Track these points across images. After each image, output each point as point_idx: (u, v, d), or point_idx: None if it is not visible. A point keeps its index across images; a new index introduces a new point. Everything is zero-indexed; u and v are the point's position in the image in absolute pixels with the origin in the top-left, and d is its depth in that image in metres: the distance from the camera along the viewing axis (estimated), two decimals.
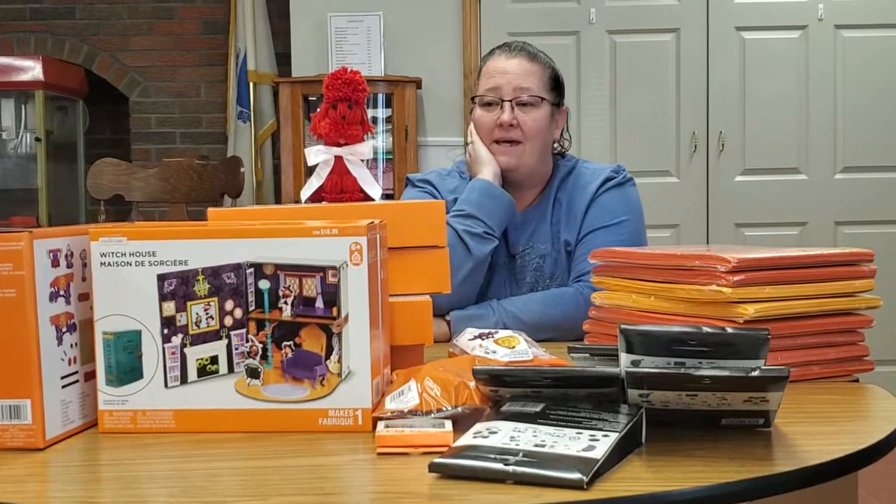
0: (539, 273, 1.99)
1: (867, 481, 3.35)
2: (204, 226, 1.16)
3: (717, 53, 4.40)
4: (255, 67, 4.83)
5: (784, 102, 4.40)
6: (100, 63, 5.32)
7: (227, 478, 0.97)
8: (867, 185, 4.41)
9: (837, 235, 4.41)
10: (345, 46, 4.30)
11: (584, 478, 0.87)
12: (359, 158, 1.46)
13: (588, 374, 1.06)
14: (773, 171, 4.42)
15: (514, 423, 1.01)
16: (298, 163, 4.20)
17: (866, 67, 4.38)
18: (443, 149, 4.36)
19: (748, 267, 1.30)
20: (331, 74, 1.44)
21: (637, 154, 4.36)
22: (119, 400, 1.13)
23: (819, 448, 1.02)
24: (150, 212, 4.93)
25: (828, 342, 1.37)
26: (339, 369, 1.11)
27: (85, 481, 0.99)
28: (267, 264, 1.11)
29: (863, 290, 1.39)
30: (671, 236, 4.41)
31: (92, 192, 3.18)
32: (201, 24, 5.31)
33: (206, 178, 3.28)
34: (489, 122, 1.98)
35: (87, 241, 1.14)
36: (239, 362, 1.13)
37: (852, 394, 1.31)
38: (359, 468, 1.00)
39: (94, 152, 5.07)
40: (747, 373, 0.98)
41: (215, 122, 5.29)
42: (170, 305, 1.12)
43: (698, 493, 0.89)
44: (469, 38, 4.42)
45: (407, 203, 1.45)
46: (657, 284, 1.41)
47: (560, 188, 2.04)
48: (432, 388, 1.11)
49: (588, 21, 4.41)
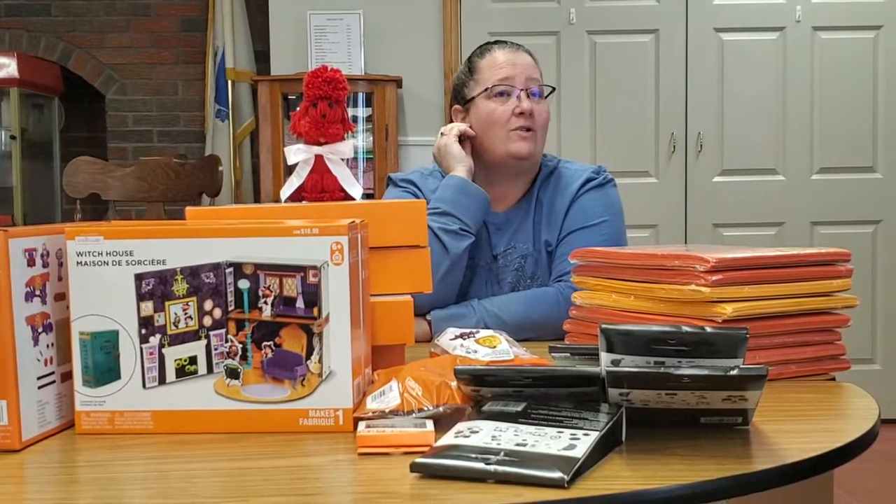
0: (520, 273, 2.00)
1: (843, 478, 3.37)
2: (182, 225, 1.16)
3: (696, 54, 4.42)
4: (233, 65, 4.81)
5: (762, 104, 4.42)
6: (76, 60, 5.28)
7: (207, 479, 0.97)
8: (843, 186, 4.44)
9: (813, 236, 4.44)
10: (324, 45, 4.29)
11: (565, 476, 0.88)
12: (339, 157, 1.45)
13: (569, 374, 1.06)
14: (750, 172, 4.44)
15: (496, 422, 1.01)
16: (277, 162, 4.18)
17: (843, 69, 4.42)
18: (423, 148, 4.36)
19: (727, 267, 1.31)
20: (311, 72, 1.44)
21: (616, 154, 4.37)
22: (96, 401, 1.12)
23: (797, 446, 1.03)
24: (127, 211, 4.91)
25: (805, 341, 1.37)
26: (320, 369, 1.11)
27: (62, 483, 0.98)
28: (247, 264, 1.11)
29: (840, 289, 1.40)
30: (650, 236, 4.43)
31: (68, 191, 3.16)
32: (179, 22, 5.28)
33: (184, 176, 3.26)
34: (505, 111, 1.98)
35: (63, 240, 1.13)
36: (218, 363, 1.12)
37: (829, 392, 1.32)
38: (340, 468, 1.00)
39: (70, 150, 5.04)
40: (726, 372, 0.98)
41: (193, 120, 5.26)
42: (147, 305, 1.12)
43: (678, 490, 0.89)
44: (449, 38, 4.42)
45: (388, 203, 1.45)
46: (637, 284, 1.42)
47: (542, 189, 2.04)
48: (414, 387, 1.10)
49: (568, 21, 4.42)
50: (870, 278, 4.45)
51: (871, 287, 4.44)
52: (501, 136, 1.98)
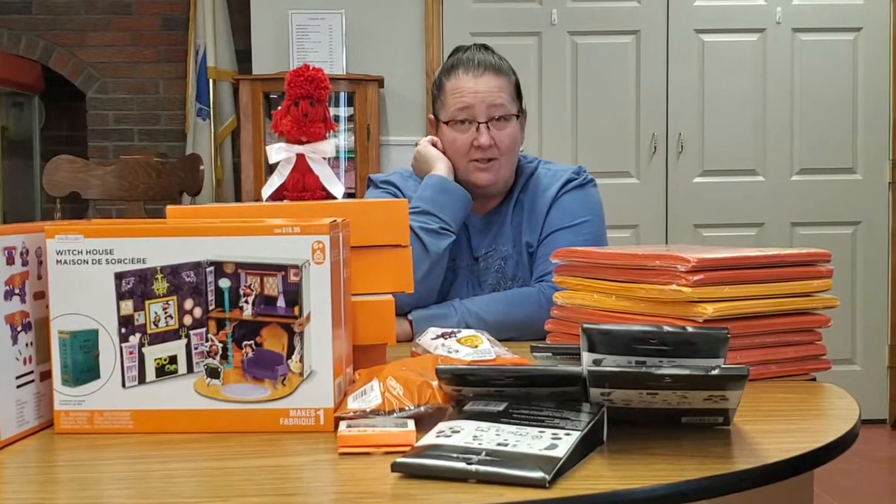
0: (501, 275, 2.00)
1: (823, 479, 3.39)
2: (163, 223, 1.15)
3: (677, 56, 4.43)
4: (214, 64, 4.79)
5: (742, 105, 4.44)
6: (57, 58, 5.25)
7: (187, 479, 0.96)
8: (823, 187, 4.47)
9: (793, 236, 4.47)
10: (306, 44, 4.28)
11: (547, 476, 0.88)
12: (321, 156, 1.45)
13: (550, 374, 1.06)
14: (730, 173, 4.46)
15: (477, 422, 1.01)
16: (259, 161, 4.17)
17: (823, 71, 4.44)
18: (405, 148, 4.36)
19: (707, 267, 1.31)
20: (293, 71, 1.43)
21: (597, 155, 4.38)
22: (76, 400, 1.12)
23: (777, 446, 1.03)
24: (108, 210, 4.88)
25: (786, 341, 1.38)
26: (301, 369, 1.10)
27: (41, 483, 0.98)
28: (227, 263, 1.10)
29: (820, 290, 1.41)
30: (631, 236, 4.44)
31: (48, 190, 3.14)
32: (160, 20, 5.26)
33: (165, 175, 3.24)
34: (465, 142, 1.96)
35: (42, 238, 1.12)
36: (198, 362, 1.11)
37: (809, 392, 1.33)
38: (320, 468, 0.99)
39: (51, 149, 5.01)
40: (707, 372, 0.98)
41: (174, 119, 5.24)
42: (127, 304, 1.11)
43: (659, 490, 0.90)
44: (431, 38, 4.42)
45: (370, 202, 1.45)
46: (618, 284, 1.42)
47: (522, 190, 2.04)
48: (395, 387, 1.10)
49: (550, 22, 4.42)
50: (849, 279, 4.48)
51: (851, 288, 4.47)
52: (462, 165, 1.98)
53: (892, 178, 4.47)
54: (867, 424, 3.12)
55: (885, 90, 4.45)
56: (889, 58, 4.44)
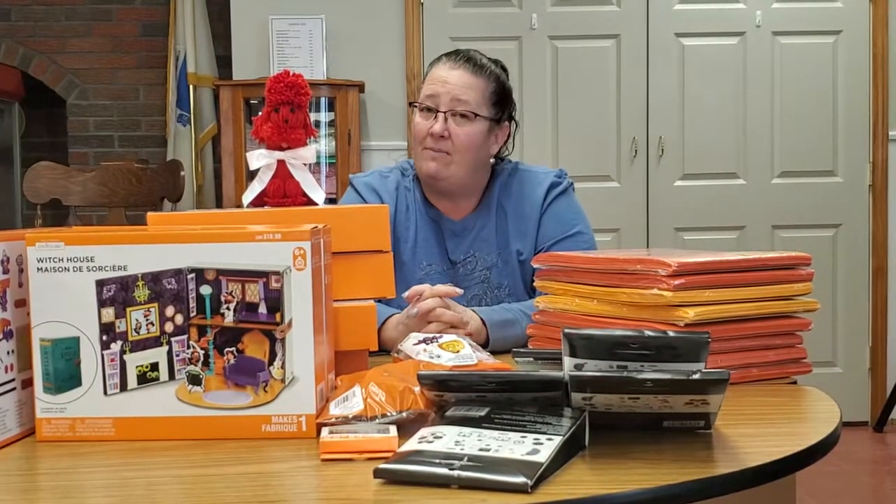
0: (486, 284, 1.98)
1: (805, 481, 3.41)
2: (143, 230, 1.15)
3: (657, 59, 4.45)
4: (195, 70, 4.77)
5: (723, 108, 4.46)
6: (36, 65, 5.22)
7: (169, 486, 0.96)
8: (803, 190, 4.49)
9: (774, 239, 4.49)
10: (286, 49, 4.27)
11: (529, 481, 0.88)
12: (301, 162, 1.45)
13: (532, 379, 1.06)
14: (711, 176, 4.47)
15: (459, 427, 1.01)
16: (240, 167, 4.16)
17: (803, 74, 4.46)
18: (386, 153, 4.36)
19: (688, 271, 1.31)
20: (273, 77, 1.43)
21: (578, 159, 4.39)
22: (57, 408, 1.11)
23: (759, 450, 1.03)
24: (88, 216, 4.85)
25: (767, 345, 1.39)
26: (283, 375, 1.10)
27: (23, 490, 0.97)
28: (209, 269, 1.10)
29: (801, 293, 1.41)
30: (612, 240, 4.45)
31: (28, 197, 3.12)
32: (140, 27, 5.24)
33: (146, 182, 3.23)
34: (423, 129, 1.96)
35: (23, 246, 1.11)
36: (180, 369, 1.11)
37: (791, 396, 1.33)
38: (303, 475, 0.99)
39: (31, 156, 4.98)
40: (688, 376, 0.99)
41: (154, 125, 5.22)
42: (109, 312, 1.11)
43: (641, 495, 0.90)
44: (412, 43, 4.42)
45: (351, 207, 1.45)
46: (599, 288, 1.42)
47: (502, 194, 2.03)
48: (377, 393, 1.10)
49: (530, 27, 4.43)
50: (830, 282, 4.50)
51: (832, 291, 4.49)
52: (417, 152, 1.99)
53: (873, 180, 4.49)
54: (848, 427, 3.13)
55: (865, 93, 4.48)
56: (868, 60, 4.47)
